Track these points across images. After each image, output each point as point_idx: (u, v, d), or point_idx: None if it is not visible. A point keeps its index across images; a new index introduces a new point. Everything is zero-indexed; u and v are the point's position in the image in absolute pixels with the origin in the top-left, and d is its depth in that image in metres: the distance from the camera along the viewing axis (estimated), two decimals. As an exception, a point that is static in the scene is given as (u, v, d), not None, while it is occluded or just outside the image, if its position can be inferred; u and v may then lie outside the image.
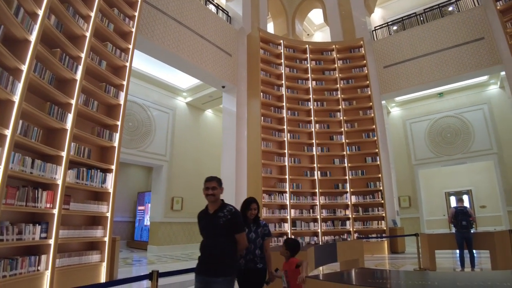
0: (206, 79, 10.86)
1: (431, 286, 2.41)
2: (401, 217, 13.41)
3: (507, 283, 2.40)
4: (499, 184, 13.68)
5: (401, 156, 15.61)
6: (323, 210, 11.05)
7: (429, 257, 7.40)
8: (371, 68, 12.62)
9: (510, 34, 10.22)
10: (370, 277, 2.95)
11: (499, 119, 14.08)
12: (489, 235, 7.11)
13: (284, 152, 10.96)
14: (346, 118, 11.95)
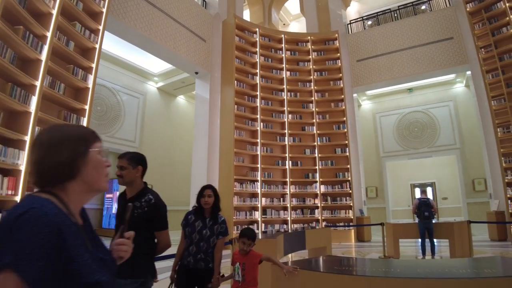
0: (179, 64, 10.67)
1: (394, 273, 2.50)
2: (368, 207, 13.84)
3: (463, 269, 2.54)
4: (460, 178, 14.37)
5: (369, 148, 16.03)
6: (293, 199, 11.24)
7: (393, 246, 7.71)
8: (344, 61, 12.80)
9: (478, 35, 10.65)
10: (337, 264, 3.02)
11: (463, 116, 14.72)
12: (449, 225, 7.48)
13: (257, 142, 11.01)
14: (318, 109, 12.12)
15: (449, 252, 7.33)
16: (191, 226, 2.87)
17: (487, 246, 8.72)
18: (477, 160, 13.66)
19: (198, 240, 2.81)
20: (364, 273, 2.64)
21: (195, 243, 2.81)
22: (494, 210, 9.80)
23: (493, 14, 10.43)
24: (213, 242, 2.83)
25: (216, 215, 2.91)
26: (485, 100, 10.43)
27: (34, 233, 0.76)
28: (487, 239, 9.86)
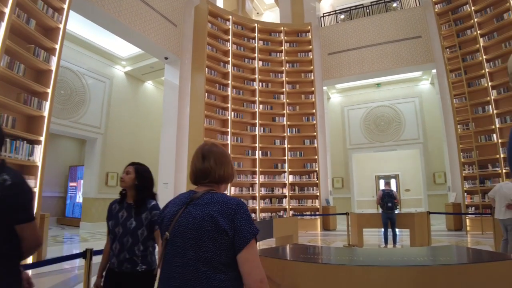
0: (148, 48, 10.30)
1: (357, 261, 2.56)
2: (334, 197, 14.18)
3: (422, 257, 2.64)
4: (422, 171, 15.02)
5: (337, 140, 16.36)
6: (262, 188, 11.32)
7: (357, 235, 7.98)
8: (316, 54, 12.91)
9: (444, 36, 11.06)
10: (303, 252, 3.06)
11: (427, 113, 15.31)
12: (410, 216, 7.80)
13: (227, 131, 10.94)
14: (289, 101, 12.20)
15: (410, 241, 7.65)
16: (114, 218, 2.22)
17: (444, 236, 9.21)
18: (438, 154, 14.31)
19: (122, 234, 2.13)
20: (329, 261, 2.69)
21: (118, 238, 2.13)
22: (452, 202, 10.36)
23: (459, 16, 10.84)
24: (142, 236, 2.14)
25: (143, 201, 2.25)
26: (447, 98, 10.89)
27: (248, 213, 1.30)
28: (445, 229, 10.42)
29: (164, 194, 9.92)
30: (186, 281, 1.19)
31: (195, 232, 1.23)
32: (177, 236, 1.27)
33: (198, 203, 1.30)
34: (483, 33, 10.23)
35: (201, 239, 1.22)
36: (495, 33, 10.03)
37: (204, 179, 1.40)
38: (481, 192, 9.63)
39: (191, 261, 1.21)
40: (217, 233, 1.21)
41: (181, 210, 1.31)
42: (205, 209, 1.27)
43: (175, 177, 9.94)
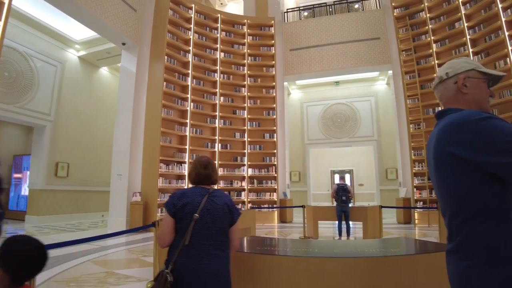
0: (104, 32, 9.76)
1: (312, 252, 2.59)
2: (291, 190, 14.42)
3: (373, 249, 2.72)
4: (376, 167, 15.68)
5: (295, 135, 16.61)
6: (221, 181, 11.23)
7: (313, 227, 8.18)
8: (278, 49, 12.96)
9: (401, 39, 11.57)
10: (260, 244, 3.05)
11: (382, 112, 15.96)
12: (363, 209, 8.09)
13: (186, 122, 10.68)
14: (250, 94, 12.17)
15: (362, 233, 7.95)
16: None
17: (395, 228, 9.69)
18: (390, 151, 15.00)
19: None
20: (285, 253, 2.69)
21: None
22: (402, 197, 10.93)
23: (416, 21, 11.39)
24: None
25: None
26: (401, 99, 11.42)
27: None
28: (395, 222, 10.98)
29: (118, 185, 9.55)
30: (212, 246, 1.90)
31: (220, 213, 1.96)
32: (206, 215, 1.91)
33: (214, 195, 2.01)
34: (436, 39, 10.82)
35: (222, 217, 1.96)
36: (447, 40, 10.65)
37: (206, 181, 2.07)
38: (429, 188, 10.24)
39: (216, 231, 1.92)
40: (229, 213, 2.00)
41: (204, 199, 1.95)
42: (221, 200, 2.00)
43: (130, 168, 9.57)
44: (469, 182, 1.09)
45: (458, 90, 1.27)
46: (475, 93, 1.26)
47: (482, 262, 1.05)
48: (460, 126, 1.11)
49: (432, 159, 1.23)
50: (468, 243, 1.10)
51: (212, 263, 1.85)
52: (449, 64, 1.34)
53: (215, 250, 1.88)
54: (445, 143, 1.15)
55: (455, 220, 1.15)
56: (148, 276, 4.46)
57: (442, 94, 1.33)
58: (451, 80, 1.30)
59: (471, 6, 9.94)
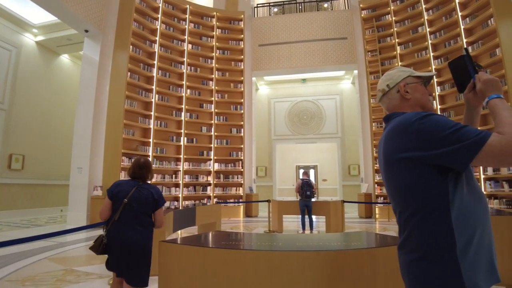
0: (66, 18, 9.26)
1: (277, 246, 2.59)
2: (257, 185, 14.51)
3: (335, 242, 2.77)
4: (339, 163, 16.12)
5: (262, 130, 16.70)
6: (186, 175, 11.07)
7: (277, 221, 8.29)
8: (247, 44, 12.92)
9: (367, 40, 11.91)
10: (224, 239, 3.03)
11: (346, 110, 16.39)
12: (326, 204, 8.28)
13: (150, 114, 10.40)
14: (217, 88, 12.06)
15: (325, 227, 8.16)
16: None
17: (356, 223, 10.03)
18: (353, 148, 15.45)
19: None
20: (250, 247, 2.69)
21: None
22: (364, 192, 11.31)
23: (382, 24, 11.77)
24: None
25: None
26: (365, 98, 11.78)
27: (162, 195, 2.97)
28: (357, 216, 11.36)
29: (78, 179, 9.17)
30: (137, 224, 2.66)
31: (144, 200, 2.70)
32: (135, 202, 2.68)
33: (142, 187, 2.78)
34: (401, 42, 11.25)
35: (146, 203, 2.71)
36: (410, 43, 11.10)
37: (139, 178, 2.84)
38: (384, 182, 10.66)
39: (140, 213, 2.68)
40: (153, 201, 2.74)
41: (133, 190, 2.72)
42: (147, 191, 2.76)
43: (90, 161, 9.21)
44: (415, 179, 1.15)
45: (401, 97, 1.36)
46: (417, 96, 1.35)
47: (424, 255, 1.12)
48: (404, 127, 1.18)
49: (382, 160, 1.30)
50: (412, 237, 1.17)
51: (135, 235, 2.64)
52: (387, 76, 1.42)
53: (138, 226, 2.67)
54: (393, 145, 1.22)
55: (403, 216, 1.21)
56: (110, 273, 4.30)
57: (388, 104, 1.40)
58: (393, 90, 1.39)
59: (434, 12, 10.42)
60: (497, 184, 8.33)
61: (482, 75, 1.23)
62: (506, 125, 1.04)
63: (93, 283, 4.03)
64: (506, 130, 1.02)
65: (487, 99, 1.19)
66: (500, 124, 1.06)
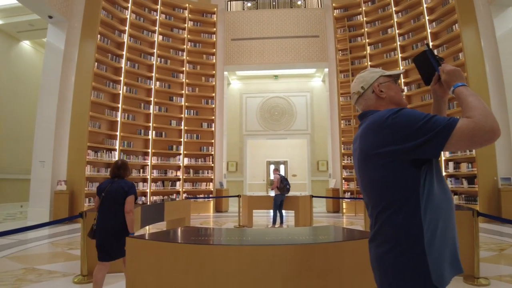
0: (27, 2, 8.76)
1: (246, 240, 2.62)
2: (228, 180, 14.48)
3: (304, 236, 2.82)
4: (308, 159, 16.39)
5: (234, 125, 16.66)
6: (154, 170, 10.85)
7: (247, 216, 8.33)
8: (219, 38, 12.79)
9: (338, 39, 12.13)
10: (194, 234, 3.01)
11: (316, 107, 16.66)
12: (296, 199, 8.42)
13: (118, 106, 10.07)
14: (188, 81, 11.88)
15: (294, 221, 8.32)
16: None
17: (324, 217, 10.27)
18: (322, 145, 15.76)
19: None
20: (219, 242, 2.69)
21: None
22: (332, 187, 11.58)
23: (353, 24, 12.02)
24: None
25: None
26: (335, 96, 12.02)
27: (135, 188, 3.58)
28: (325, 211, 11.63)
29: (40, 173, 8.76)
30: (111, 212, 3.24)
31: (115, 193, 3.27)
32: (109, 194, 3.28)
33: (115, 182, 3.34)
34: (371, 42, 11.55)
35: (117, 195, 3.27)
36: (380, 44, 11.43)
37: (116, 176, 3.41)
38: (356, 179, 10.96)
39: (113, 204, 3.25)
40: (123, 192, 3.27)
41: (108, 185, 3.32)
42: (119, 185, 3.30)
43: (54, 155, 8.83)
44: (389, 174, 1.20)
45: (377, 96, 1.42)
46: (391, 93, 1.42)
47: (394, 247, 1.18)
48: (378, 124, 1.23)
49: (358, 157, 1.35)
50: (383, 230, 1.22)
51: (110, 220, 3.26)
52: (360, 79, 1.48)
53: (111, 214, 3.27)
54: (369, 141, 1.27)
55: (376, 210, 1.27)
56: (75, 270, 4.16)
57: (364, 105, 1.45)
58: (368, 91, 1.44)
59: (403, 15, 10.77)
60: (457, 181, 8.79)
61: (445, 66, 1.30)
62: (473, 109, 1.10)
63: (57, 282, 3.88)
64: (474, 113, 1.09)
65: (452, 88, 1.26)
66: (467, 109, 1.13)
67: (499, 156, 8.32)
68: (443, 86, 1.37)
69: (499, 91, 8.53)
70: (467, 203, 8.30)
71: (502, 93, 8.49)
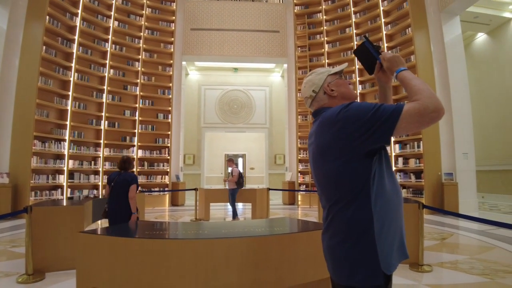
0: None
1: (202, 234, 2.60)
2: (185, 173, 14.30)
3: (260, 228, 2.87)
4: (266, 152, 16.59)
5: (191, 117, 16.40)
6: (107, 162, 10.42)
7: (204, 209, 8.30)
8: (178, 26, 12.49)
9: (298, 35, 12.32)
10: (148, 229, 2.95)
11: (275, 102, 16.86)
12: (253, 192, 8.53)
13: (68, 94, 9.50)
14: (144, 70, 11.49)
15: (251, 214, 8.42)
16: None
17: (281, 209, 10.50)
18: (280, 139, 16.03)
19: None
20: (175, 236, 2.66)
21: None
22: (288, 180, 11.84)
23: (313, 21, 12.26)
24: None
25: None
26: (293, 91, 12.25)
27: (137, 179, 4.60)
28: (281, 203, 11.87)
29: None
30: (121, 199, 4.18)
31: (122, 182, 4.22)
32: (117, 184, 4.22)
33: (122, 174, 4.30)
34: (329, 40, 11.87)
35: (124, 184, 4.20)
36: (337, 42, 11.75)
37: (122, 169, 4.36)
38: (311, 173, 11.31)
39: (122, 193, 4.17)
40: (127, 183, 4.20)
41: (117, 177, 4.28)
42: (125, 177, 4.26)
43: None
44: (343, 168, 1.26)
45: (329, 96, 1.48)
46: (342, 90, 1.48)
47: (346, 238, 1.24)
48: (331, 120, 1.29)
49: (313, 152, 1.40)
50: (336, 222, 1.28)
51: (118, 205, 4.18)
52: (309, 83, 1.53)
53: (120, 200, 4.18)
54: (324, 137, 1.32)
55: (329, 202, 1.33)
56: (19, 270, 3.89)
57: (318, 106, 1.51)
58: (320, 93, 1.50)
59: (361, 16, 11.16)
60: (406, 176, 9.34)
61: (385, 54, 1.40)
62: (418, 93, 1.18)
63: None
64: (419, 96, 1.17)
65: (395, 73, 1.35)
66: (412, 93, 1.21)
67: (443, 153, 8.96)
68: (386, 73, 1.46)
69: (446, 92, 9.14)
70: (414, 196, 8.86)
71: (447, 94, 9.11)
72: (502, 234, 5.94)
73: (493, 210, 9.45)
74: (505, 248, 5.05)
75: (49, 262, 3.95)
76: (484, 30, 12.40)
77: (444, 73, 9.27)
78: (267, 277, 2.29)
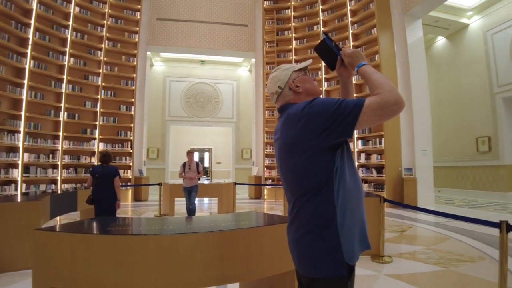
0: None
1: (167, 229, 2.53)
2: (148, 167, 13.96)
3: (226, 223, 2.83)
4: (233, 147, 16.57)
5: (156, 110, 16.04)
6: (66, 156, 9.95)
7: (169, 204, 8.17)
8: (144, 15, 12.11)
9: (267, 30, 12.36)
10: (110, 225, 2.84)
11: (242, 96, 16.85)
12: (219, 186, 8.50)
13: (23, 83, 8.91)
14: (106, 59, 11.04)
15: (217, 208, 8.39)
16: None
17: (247, 203, 10.55)
18: (247, 133, 16.06)
19: None
20: (138, 232, 2.59)
21: None
22: (254, 175, 11.89)
23: (281, 17, 12.33)
24: None
25: None
26: (261, 86, 12.28)
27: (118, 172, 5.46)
28: (247, 197, 11.92)
29: None
30: (106, 188, 4.98)
31: (107, 175, 4.99)
32: (102, 176, 4.97)
33: (105, 167, 5.04)
34: (297, 37, 11.98)
35: (108, 176, 5.00)
36: (305, 39, 11.89)
37: (104, 162, 5.07)
38: (277, 167, 11.43)
39: (107, 184, 4.97)
40: (112, 175, 5.02)
41: (100, 169, 5.01)
42: (108, 169, 5.03)
43: None
44: (307, 163, 1.29)
45: (294, 92, 1.50)
46: (306, 86, 1.51)
47: (310, 230, 1.27)
48: (296, 115, 1.31)
49: (279, 147, 1.42)
50: (301, 216, 1.31)
51: (104, 194, 4.92)
52: (274, 79, 1.54)
53: (105, 189, 4.93)
54: (289, 132, 1.34)
55: (294, 196, 1.36)
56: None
57: (283, 102, 1.52)
58: (285, 89, 1.51)
59: (328, 14, 11.34)
60: (368, 171, 9.67)
61: (346, 50, 1.43)
62: (378, 86, 1.22)
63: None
64: (379, 90, 1.21)
65: (356, 68, 1.39)
66: (373, 87, 1.25)
67: (404, 150, 9.36)
68: (347, 68, 1.49)
69: (407, 92, 9.51)
70: (375, 191, 9.21)
71: (409, 93, 9.50)
72: (456, 226, 6.33)
73: (448, 204, 10.01)
74: (459, 238, 5.38)
75: (2, 263, 3.74)
76: (443, 34, 13.04)
77: (406, 73, 9.65)
78: (233, 271, 2.29)
